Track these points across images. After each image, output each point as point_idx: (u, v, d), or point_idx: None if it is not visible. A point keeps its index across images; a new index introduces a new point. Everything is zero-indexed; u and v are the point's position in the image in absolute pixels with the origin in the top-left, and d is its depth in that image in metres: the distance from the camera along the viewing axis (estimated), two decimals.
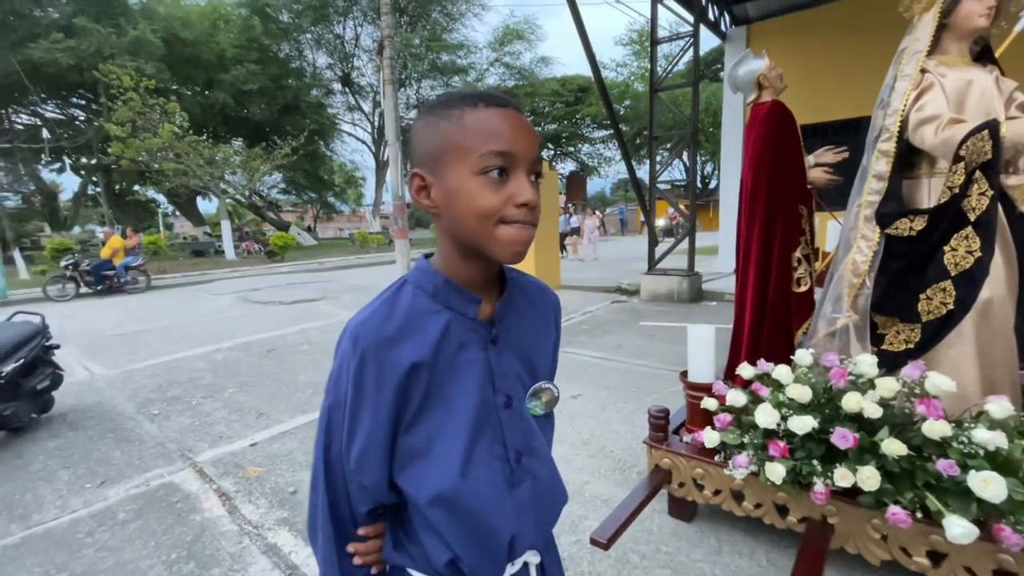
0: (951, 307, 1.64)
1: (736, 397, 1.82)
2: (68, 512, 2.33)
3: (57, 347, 3.60)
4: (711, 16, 7.70)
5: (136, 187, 24.39)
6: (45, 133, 18.60)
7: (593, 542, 1.58)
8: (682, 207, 8.50)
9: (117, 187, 23.41)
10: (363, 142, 28.66)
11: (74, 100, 20.88)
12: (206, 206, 28.13)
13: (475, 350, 0.66)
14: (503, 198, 0.57)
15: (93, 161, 20.83)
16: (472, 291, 0.66)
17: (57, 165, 22.80)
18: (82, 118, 21.30)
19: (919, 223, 1.71)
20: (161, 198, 26.75)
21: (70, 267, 9.74)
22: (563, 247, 14.43)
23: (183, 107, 16.50)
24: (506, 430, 0.68)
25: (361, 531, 0.70)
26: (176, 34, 19.21)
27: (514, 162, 0.57)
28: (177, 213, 29.10)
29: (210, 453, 2.88)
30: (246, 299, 8.99)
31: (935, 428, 1.42)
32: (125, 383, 4.23)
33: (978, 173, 1.56)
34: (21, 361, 3.18)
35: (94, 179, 22.77)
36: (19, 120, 20.57)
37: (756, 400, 1.81)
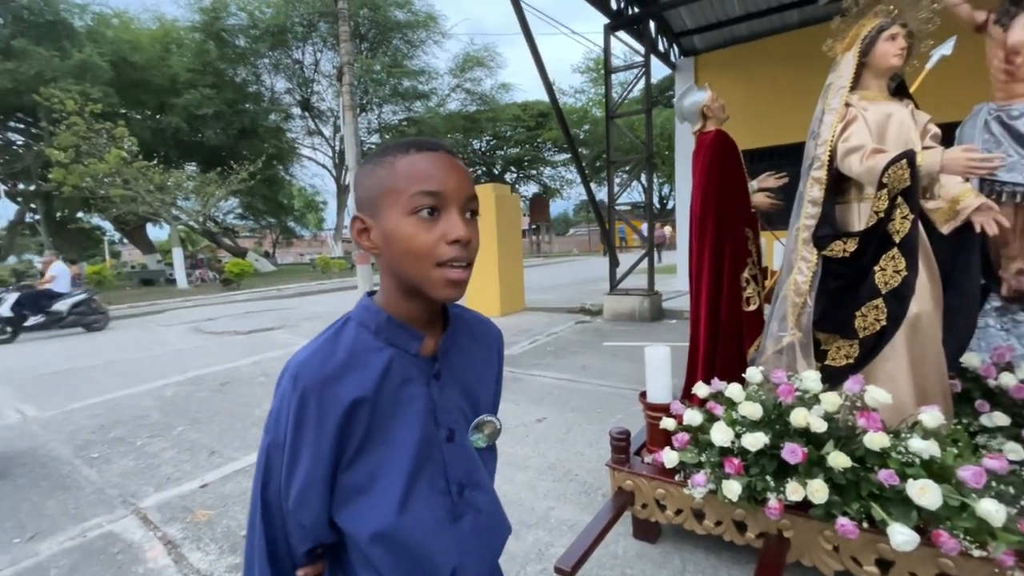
0: (884, 323, 1.75)
1: (693, 416, 1.87)
2: None
3: None
4: (661, 47, 8.10)
5: (80, 214, 23.16)
6: None
7: (558, 571, 1.57)
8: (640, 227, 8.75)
9: (59, 214, 22.17)
10: (323, 166, 28.29)
11: (11, 124, 19.79)
12: (157, 233, 27.01)
13: (417, 385, 0.68)
14: (436, 236, 0.60)
15: (32, 188, 19.69)
16: (415, 328, 0.68)
17: None
18: (20, 143, 20.20)
19: (851, 245, 1.83)
20: (108, 225, 25.47)
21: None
22: None
23: (132, 132, 15.87)
24: (448, 464, 0.70)
25: (300, 573, 0.69)
26: (125, 58, 18.58)
27: (444, 201, 0.60)
28: (125, 241, 27.74)
29: (156, 497, 2.71)
30: (199, 330, 8.60)
31: (875, 440, 1.50)
32: (62, 425, 3.94)
33: (900, 199, 1.69)
34: None
35: (32, 206, 21.49)
36: None
37: (711, 419, 1.86)
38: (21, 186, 20.77)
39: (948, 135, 2.14)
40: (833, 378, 1.82)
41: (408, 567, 0.65)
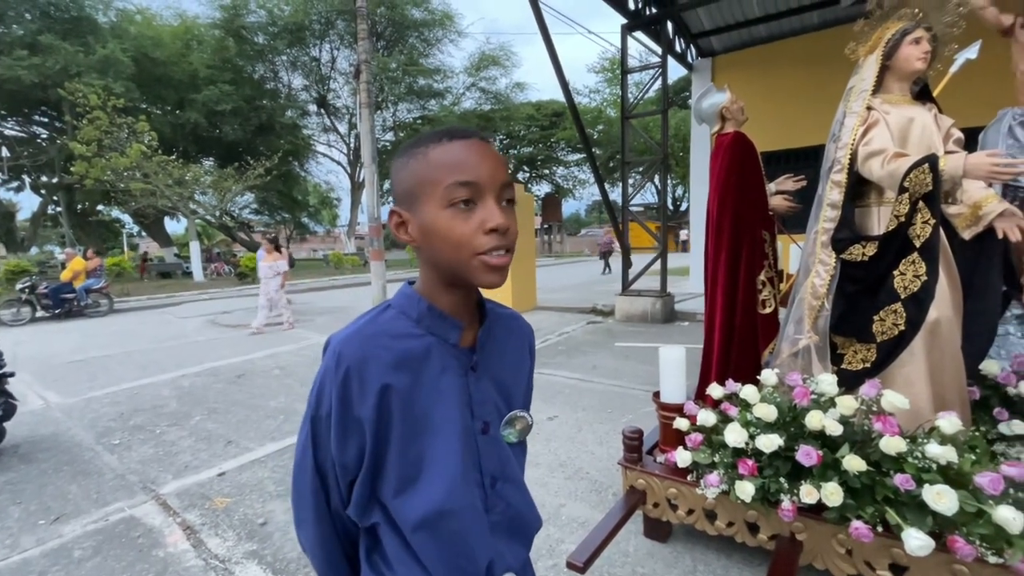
0: (902, 328, 1.74)
1: (706, 417, 1.87)
2: (18, 551, 2.20)
3: (11, 375, 3.43)
4: (678, 48, 8.06)
5: (100, 207, 23.62)
6: (4, 151, 17.91)
7: (570, 566, 1.59)
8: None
9: (80, 207, 22.62)
10: (339, 163, 28.53)
11: (37, 118, 20.23)
12: (174, 226, 27.39)
13: (455, 376, 0.68)
14: (474, 226, 0.60)
15: (55, 180, 20.13)
16: (455, 318, 0.68)
17: (15, 184, 21.94)
18: (44, 136, 20.64)
19: (870, 249, 1.82)
20: (127, 218, 25.95)
21: (26, 290, 9.32)
22: None
23: (153, 126, 16.16)
24: (482, 456, 0.70)
25: None
26: (147, 53, 18.91)
27: (479, 190, 0.60)
28: (143, 234, 28.22)
29: (174, 484, 2.77)
30: (215, 322, 8.74)
31: (891, 444, 1.50)
32: (84, 412, 4.04)
33: (921, 203, 1.68)
34: None
35: (55, 199, 21.96)
36: None
37: (725, 420, 1.86)
38: (44, 179, 21.24)
39: (971, 140, 2.12)
40: (849, 382, 1.82)
41: (448, 554, 0.66)
